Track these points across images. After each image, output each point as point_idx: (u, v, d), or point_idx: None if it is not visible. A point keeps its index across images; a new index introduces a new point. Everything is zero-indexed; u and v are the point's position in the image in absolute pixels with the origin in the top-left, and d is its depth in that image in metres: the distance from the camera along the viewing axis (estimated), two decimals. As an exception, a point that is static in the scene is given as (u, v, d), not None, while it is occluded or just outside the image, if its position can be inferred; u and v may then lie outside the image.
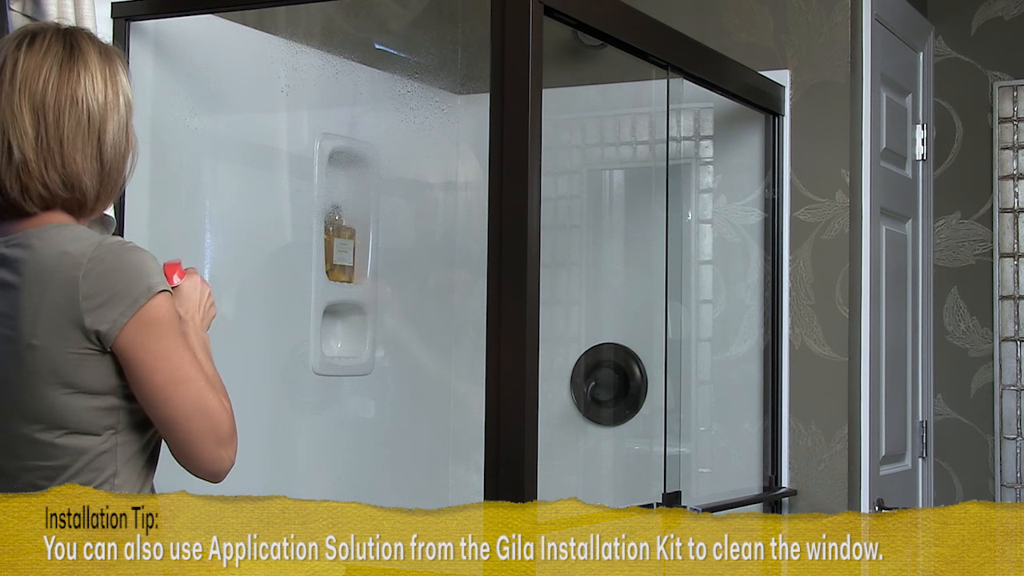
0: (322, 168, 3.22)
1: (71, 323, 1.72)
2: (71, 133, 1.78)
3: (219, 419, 1.80)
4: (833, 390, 3.27)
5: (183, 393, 1.76)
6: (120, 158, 1.84)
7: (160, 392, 1.76)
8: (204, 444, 1.79)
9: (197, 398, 1.77)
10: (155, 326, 1.74)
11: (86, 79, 1.80)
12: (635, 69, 3.06)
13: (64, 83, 1.79)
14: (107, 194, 1.85)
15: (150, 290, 1.74)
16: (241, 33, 2.95)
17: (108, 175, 1.83)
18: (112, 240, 1.78)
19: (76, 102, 1.78)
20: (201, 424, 1.78)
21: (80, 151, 1.79)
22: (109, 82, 1.82)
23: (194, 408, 1.77)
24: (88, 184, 1.80)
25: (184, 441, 1.78)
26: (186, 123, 2.80)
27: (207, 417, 1.78)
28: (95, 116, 1.80)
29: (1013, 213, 3.85)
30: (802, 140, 3.33)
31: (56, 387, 1.74)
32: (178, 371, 1.76)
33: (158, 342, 1.75)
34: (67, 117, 1.78)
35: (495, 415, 2.22)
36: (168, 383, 1.75)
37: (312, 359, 3.19)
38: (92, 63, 1.82)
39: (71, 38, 1.84)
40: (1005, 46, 3.88)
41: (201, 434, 1.78)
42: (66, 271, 1.73)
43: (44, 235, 1.78)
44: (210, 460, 1.80)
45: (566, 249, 3.61)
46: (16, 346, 1.74)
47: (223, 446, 1.80)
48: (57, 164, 1.78)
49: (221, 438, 1.80)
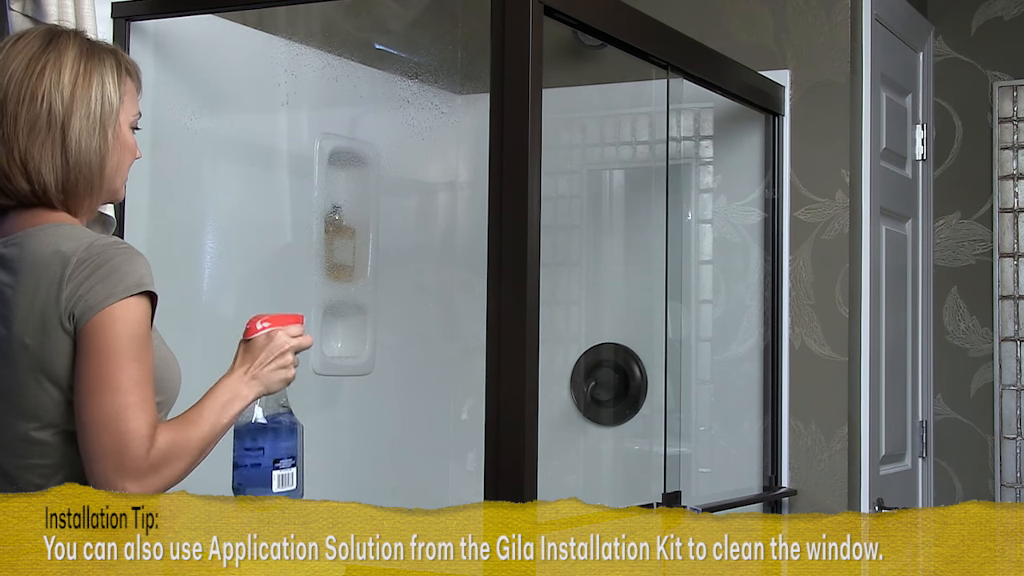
0: (322, 168, 3.21)
1: (57, 319, 1.71)
2: (28, 127, 1.78)
3: (129, 445, 1.67)
4: (833, 390, 3.27)
5: (99, 402, 1.68)
6: (93, 156, 1.81)
7: (83, 393, 1.69)
8: (102, 463, 1.68)
9: (113, 413, 1.68)
10: (113, 323, 1.70)
11: (51, 75, 1.79)
12: (635, 69, 3.06)
13: (26, 78, 1.79)
14: (80, 190, 1.82)
15: (127, 290, 1.71)
16: (241, 33, 2.95)
17: (77, 170, 1.80)
18: (106, 240, 1.77)
19: (34, 97, 1.78)
20: (105, 441, 1.67)
21: (39, 145, 1.78)
22: (81, 77, 1.81)
23: (104, 422, 1.67)
24: (48, 179, 1.79)
25: (84, 453, 1.69)
26: (186, 123, 2.79)
27: (114, 436, 1.67)
28: (56, 111, 1.79)
29: (1013, 213, 3.85)
30: (802, 140, 3.33)
31: (48, 385, 1.73)
32: (109, 378, 1.69)
33: (108, 340, 1.69)
34: (24, 111, 1.78)
35: (495, 415, 2.22)
36: (93, 386, 1.69)
37: (312, 359, 3.19)
38: (66, 59, 1.81)
39: (53, 35, 1.84)
40: (1005, 46, 3.88)
41: (100, 451, 1.67)
42: (57, 269, 1.73)
43: (40, 234, 1.78)
44: (104, 484, 1.67)
45: (566, 249, 3.61)
46: (11, 345, 1.74)
47: (121, 475, 1.67)
48: (16, 157, 1.78)
49: (122, 465, 1.67)
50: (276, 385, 1.89)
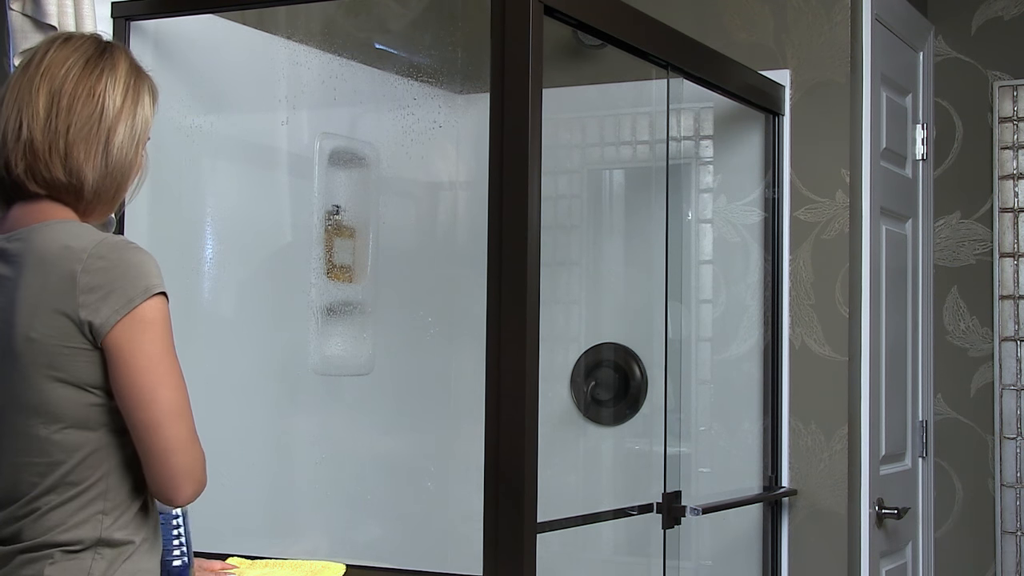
0: (322, 168, 3.21)
1: (67, 316, 1.72)
2: (80, 123, 1.81)
3: (191, 442, 1.78)
4: (833, 390, 3.27)
5: (164, 397, 1.74)
6: (126, 166, 1.86)
7: (144, 394, 1.74)
8: (181, 453, 1.75)
9: (176, 406, 1.75)
10: (148, 327, 1.74)
11: (108, 79, 1.84)
12: (635, 69, 3.06)
13: (85, 76, 1.83)
14: (107, 195, 1.86)
15: (147, 291, 1.74)
16: (241, 33, 2.95)
17: (111, 176, 1.84)
18: (114, 238, 1.79)
19: (92, 95, 1.82)
20: (176, 434, 1.75)
21: (84, 141, 1.81)
22: (131, 94, 1.86)
23: (172, 415, 1.75)
24: (89, 176, 1.82)
25: (161, 448, 1.75)
26: (186, 123, 2.79)
27: (181, 429, 1.76)
28: (108, 114, 1.83)
29: (1013, 213, 3.85)
30: (802, 140, 3.33)
31: (53, 381, 1.74)
32: (163, 376, 1.75)
33: (150, 344, 1.74)
34: (80, 106, 1.82)
35: (495, 415, 2.22)
36: (153, 386, 1.74)
37: (312, 359, 3.19)
38: (120, 70, 1.86)
39: (107, 46, 1.89)
40: (1005, 46, 3.88)
41: (179, 441, 1.75)
42: (66, 265, 1.74)
43: (46, 230, 1.79)
44: (175, 474, 1.76)
45: (566, 249, 3.61)
46: (14, 339, 1.75)
47: (188, 469, 1.77)
48: (60, 149, 1.80)
49: (189, 461, 1.77)
50: None
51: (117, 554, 1.78)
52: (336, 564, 2.32)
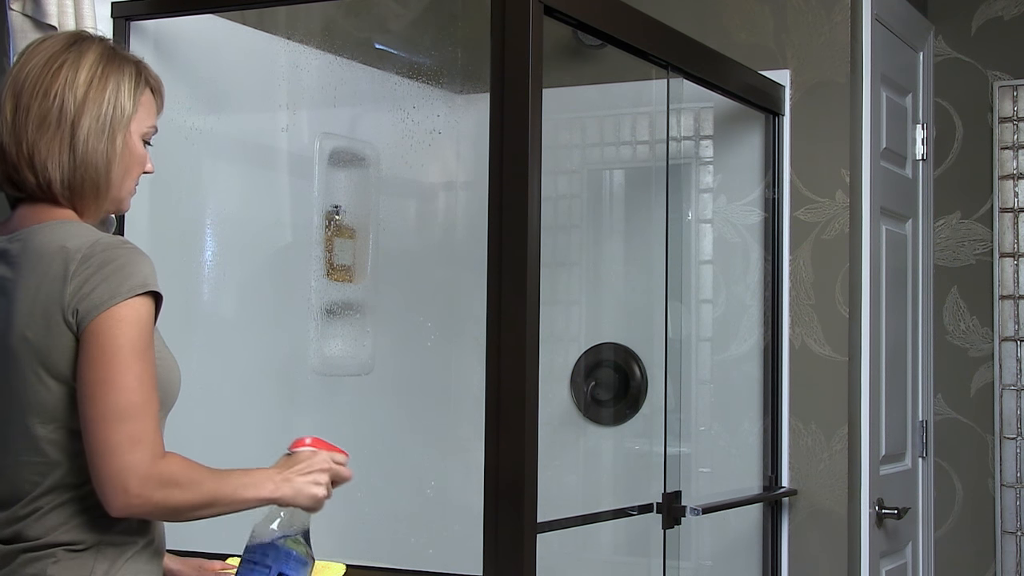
0: (322, 168, 3.21)
1: (60, 315, 1.72)
2: (38, 122, 1.80)
3: (139, 443, 1.67)
4: (833, 390, 3.27)
5: (115, 398, 1.68)
6: (100, 158, 1.82)
7: (96, 387, 1.69)
8: (110, 456, 1.67)
9: (128, 408, 1.68)
10: (122, 324, 1.71)
11: (68, 73, 1.82)
12: (635, 69, 3.06)
13: (44, 74, 1.82)
14: (85, 190, 1.83)
15: (132, 289, 1.72)
16: (241, 33, 2.95)
17: (83, 170, 1.82)
18: (110, 238, 1.78)
19: (47, 94, 1.81)
20: (116, 435, 1.67)
21: (46, 140, 1.80)
22: (97, 80, 1.83)
23: (120, 415, 1.67)
24: (54, 175, 1.81)
25: (93, 449, 1.68)
26: (186, 123, 2.79)
27: (127, 432, 1.67)
28: (68, 109, 1.81)
29: (1013, 213, 3.85)
30: (802, 140, 3.33)
31: (50, 380, 1.74)
32: (122, 376, 1.69)
33: (116, 340, 1.70)
34: (36, 105, 1.81)
35: (495, 415, 2.22)
36: (106, 382, 1.69)
37: (312, 359, 3.19)
38: (85, 61, 1.84)
39: (78, 39, 1.87)
40: (1005, 46, 3.88)
41: (112, 445, 1.67)
42: (61, 265, 1.74)
43: (44, 230, 1.79)
44: (110, 477, 1.67)
45: (566, 249, 3.61)
46: (12, 339, 1.75)
47: (128, 474, 1.67)
48: (24, 150, 1.81)
49: (131, 464, 1.67)
50: (304, 498, 1.86)
51: (119, 553, 1.77)
52: (336, 564, 2.32)
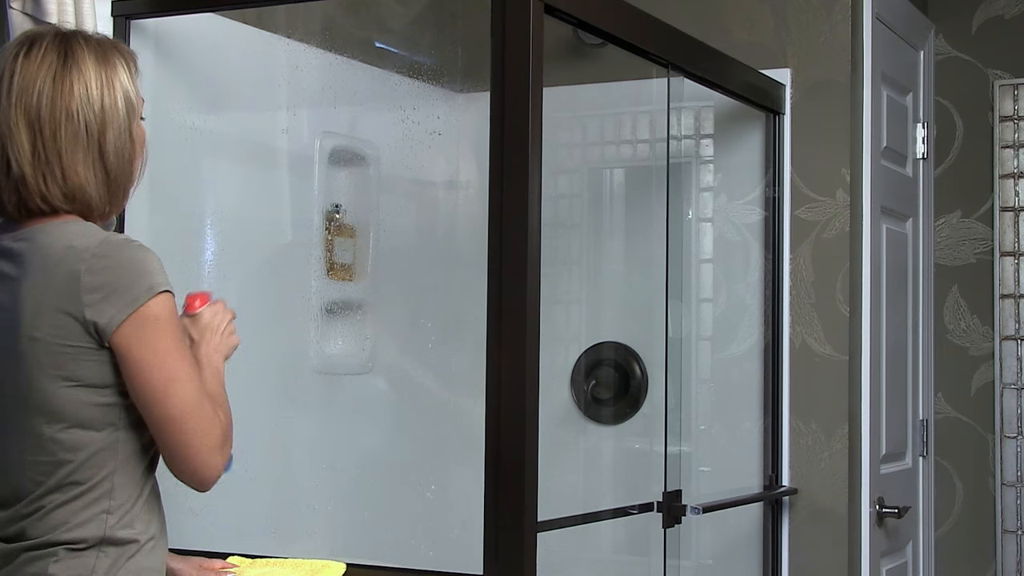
0: (322, 167, 3.21)
1: (72, 316, 1.73)
2: (69, 146, 1.79)
3: (212, 423, 1.80)
4: (833, 389, 3.27)
5: (178, 391, 1.77)
6: (126, 163, 1.85)
7: (157, 391, 1.76)
8: (198, 446, 1.79)
9: (193, 398, 1.78)
10: (154, 325, 1.75)
11: (80, 89, 1.79)
12: (636, 67, 3.06)
13: (58, 95, 1.79)
14: (117, 200, 1.86)
15: (151, 289, 1.75)
16: (241, 32, 2.95)
17: (115, 181, 1.84)
18: (117, 237, 1.79)
19: (71, 116, 1.78)
20: (196, 424, 1.78)
21: (81, 163, 1.80)
22: (106, 87, 1.82)
23: (190, 407, 1.77)
24: (93, 195, 1.82)
25: (178, 443, 1.78)
26: (186, 122, 2.79)
27: (201, 418, 1.78)
28: (93, 127, 1.80)
29: (1013, 212, 3.85)
30: (803, 139, 3.33)
31: (57, 380, 1.74)
32: (175, 371, 1.77)
33: (157, 341, 1.75)
34: (63, 131, 1.78)
35: (495, 415, 2.21)
36: (166, 381, 1.76)
37: (312, 358, 3.19)
38: (87, 69, 1.81)
39: (66, 44, 1.83)
40: (1006, 45, 3.88)
41: (196, 435, 1.78)
42: (70, 265, 1.74)
43: (51, 229, 1.79)
44: (203, 464, 1.80)
45: (566, 248, 3.61)
46: (17, 338, 1.75)
47: (214, 452, 1.80)
48: (57, 177, 1.79)
49: (213, 444, 1.80)
50: (230, 351, 2.01)
51: (121, 552, 1.78)
52: (336, 564, 2.32)
